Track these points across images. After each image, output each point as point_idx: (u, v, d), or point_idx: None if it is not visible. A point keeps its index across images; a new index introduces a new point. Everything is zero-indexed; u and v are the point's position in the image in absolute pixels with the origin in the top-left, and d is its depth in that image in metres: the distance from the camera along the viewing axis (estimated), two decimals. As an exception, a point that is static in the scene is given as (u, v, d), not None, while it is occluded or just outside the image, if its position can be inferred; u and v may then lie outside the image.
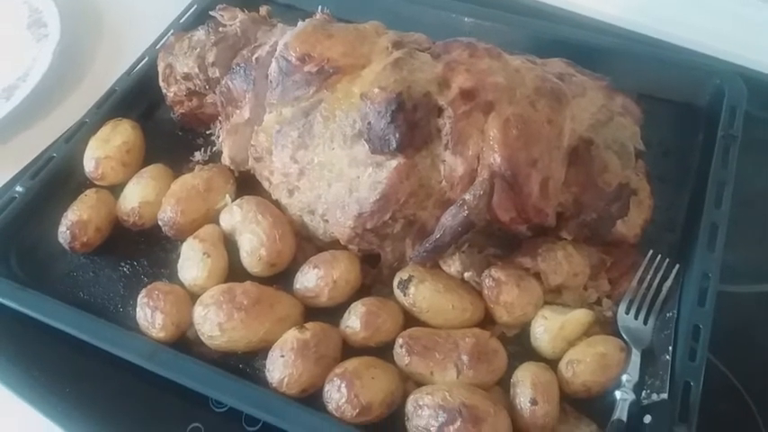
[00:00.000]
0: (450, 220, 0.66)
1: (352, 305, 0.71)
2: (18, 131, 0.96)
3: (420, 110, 0.66)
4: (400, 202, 0.67)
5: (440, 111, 0.67)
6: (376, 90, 0.67)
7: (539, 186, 0.66)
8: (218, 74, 0.81)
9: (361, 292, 0.73)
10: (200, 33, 0.85)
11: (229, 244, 0.76)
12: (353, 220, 0.69)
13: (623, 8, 1.03)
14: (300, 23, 0.78)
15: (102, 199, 0.79)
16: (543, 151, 0.66)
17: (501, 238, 0.71)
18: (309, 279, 0.71)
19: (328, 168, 0.72)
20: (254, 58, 0.79)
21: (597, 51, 0.88)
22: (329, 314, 0.72)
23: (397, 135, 0.65)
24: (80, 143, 0.84)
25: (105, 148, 0.81)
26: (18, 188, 0.80)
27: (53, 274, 0.78)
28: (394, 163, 0.67)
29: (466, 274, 0.70)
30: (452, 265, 0.70)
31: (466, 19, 0.94)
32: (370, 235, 0.70)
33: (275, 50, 0.77)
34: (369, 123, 0.67)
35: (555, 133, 0.67)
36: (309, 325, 0.68)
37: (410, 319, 0.71)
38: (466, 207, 0.65)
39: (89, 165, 0.81)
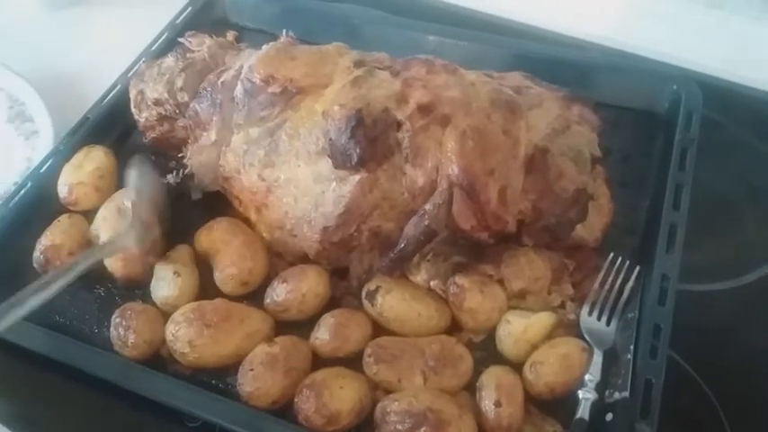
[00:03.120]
0: (412, 229, 0.68)
1: (321, 317, 0.72)
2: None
3: (379, 125, 0.68)
4: (364, 215, 0.69)
5: (399, 125, 0.69)
6: (336, 107, 0.69)
7: (497, 194, 0.68)
8: (186, 98, 0.83)
9: (331, 304, 0.74)
10: (169, 60, 0.87)
11: (203, 264, 0.78)
12: (320, 234, 0.71)
13: (581, 21, 1.07)
14: (265, 47, 0.80)
15: (75, 224, 0.80)
16: (500, 161, 0.68)
17: (465, 247, 0.73)
18: (279, 293, 0.73)
19: (294, 185, 0.74)
20: (219, 81, 0.81)
21: (556, 64, 0.90)
22: (300, 327, 0.73)
23: (358, 150, 0.67)
24: (53, 170, 0.85)
25: (78, 174, 0.83)
26: (-8, 218, 0.82)
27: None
28: (356, 177, 0.69)
29: (432, 283, 0.72)
30: (418, 275, 0.72)
31: (430, 37, 0.96)
32: (336, 248, 0.72)
33: (240, 74, 0.79)
34: (330, 140, 0.69)
35: (510, 143, 0.69)
36: (279, 339, 0.70)
37: (379, 329, 0.72)
38: (427, 216, 0.67)
39: (63, 191, 0.83)
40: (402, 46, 0.88)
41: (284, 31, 0.86)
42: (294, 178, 0.74)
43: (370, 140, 0.68)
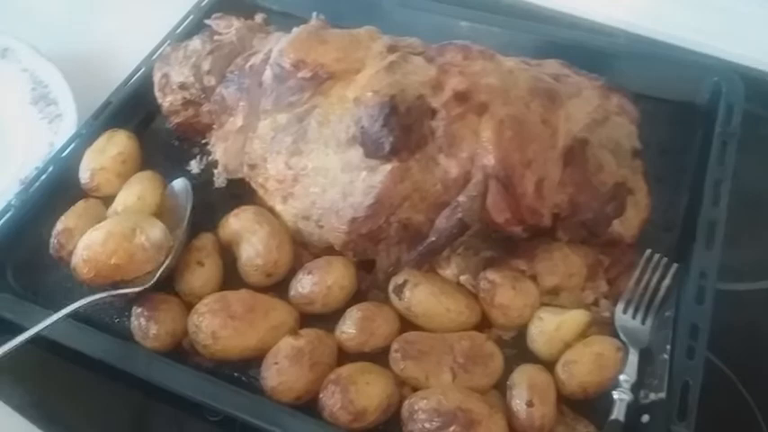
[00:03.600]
0: (444, 222, 0.66)
1: (347, 311, 0.70)
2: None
3: (413, 113, 0.66)
4: (394, 206, 0.67)
5: (433, 113, 0.67)
6: (369, 94, 0.67)
7: (533, 187, 0.66)
8: (213, 82, 0.81)
9: (356, 297, 0.72)
10: (195, 42, 0.85)
11: (227, 254, 0.76)
12: (348, 225, 0.69)
13: (620, 8, 1.03)
14: (295, 30, 0.78)
15: (91, 208, 0.78)
16: (537, 152, 0.66)
17: (496, 241, 0.71)
18: (304, 285, 0.71)
19: (322, 174, 0.72)
20: (247, 65, 0.79)
21: (593, 52, 0.87)
22: (325, 320, 0.71)
23: (391, 138, 0.65)
24: (76, 155, 0.84)
25: (100, 159, 0.81)
26: (13, 200, 0.80)
27: (49, 287, 0.78)
28: (388, 167, 0.67)
29: (461, 277, 0.70)
30: (448, 269, 0.70)
31: (462, 23, 0.93)
32: (364, 240, 0.70)
33: (269, 58, 0.77)
34: (362, 127, 0.67)
35: (549, 133, 0.66)
36: (304, 332, 0.68)
37: (406, 324, 0.70)
38: (460, 209, 0.64)
39: (84, 176, 0.81)
40: (432, 32, 0.85)
41: (314, 14, 0.83)
42: (322, 167, 0.72)
43: (403, 129, 0.65)
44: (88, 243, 0.70)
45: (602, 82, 0.76)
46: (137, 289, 0.70)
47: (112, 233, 0.70)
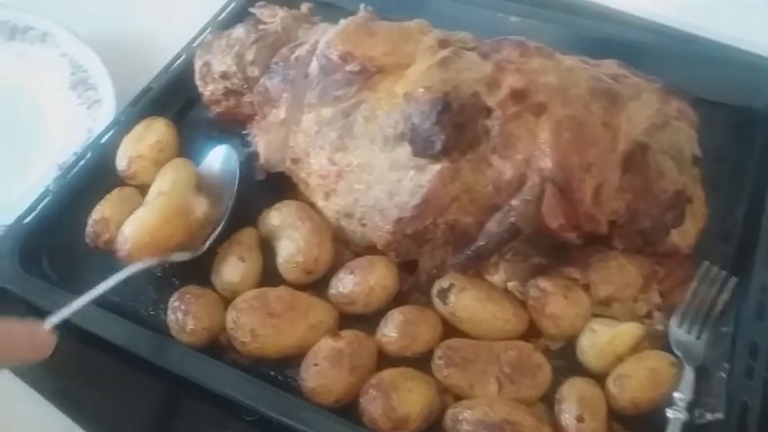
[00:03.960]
0: (495, 226, 0.63)
1: (388, 313, 0.68)
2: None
3: (467, 111, 0.63)
4: (442, 208, 0.65)
5: (488, 112, 0.64)
6: (421, 90, 0.64)
7: (592, 192, 0.63)
8: (256, 73, 0.79)
9: (397, 299, 0.70)
10: (239, 31, 0.83)
11: (267, 248, 0.74)
12: (393, 224, 0.67)
13: (675, 7, 0.99)
14: (342, 21, 0.76)
15: (126, 196, 0.77)
16: (597, 155, 0.63)
17: (547, 246, 0.68)
18: (345, 285, 0.69)
19: (368, 171, 0.70)
20: (293, 56, 0.77)
21: (648, 52, 0.84)
22: (364, 321, 0.69)
23: (443, 137, 0.62)
24: (114, 141, 0.82)
25: (138, 147, 0.80)
26: (51, 186, 0.79)
27: (84, 275, 0.76)
28: (437, 166, 0.64)
29: (509, 284, 0.67)
30: (495, 274, 0.67)
31: (512, 18, 0.91)
32: (409, 240, 0.68)
33: (316, 49, 0.75)
34: (412, 124, 0.64)
35: (609, 137, 0.63)
36: (344, 333, 0.66)
37: (449, 329, 0.68)
38: (513, 213, 0.62)
39: (121, 163, 0.80)
40: (482, 26, 0.82)
41: (362, 5, 0.81)
42: (368, 164, 0.69)
43: (456, 127, 0.63)
44: (141, 225, 0.70)
45: (660, 84, 0.73)
46: (187, 256, 0.71)
47: (167, 213, 0.71)
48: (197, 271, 0.75)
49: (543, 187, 0.61)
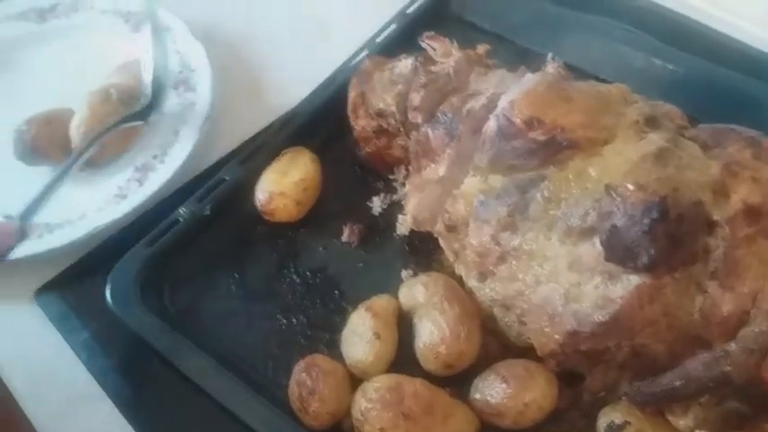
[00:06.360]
0: (699, 369, 0.51)
1: (541, 433, 0.58)
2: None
3: (687, 223, 0.51)
4: (633, 331, 0.53)
5: (712, 227, 0.52)
6: (631, 186, 0.53)
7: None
8: (419, 119, 0.70)
9: (550, 414, 0.60)
10: (404, 66, 0.74)
11: (403, 322, 0.65)
12: (565, 336, 0.56)
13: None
14: (530, 77, 0.65)
15: None
16: None
17: (749, 391, 0.55)
18: (494, 393, 0.59)
19: (539, 262, 0.59)
20: (465, 108, 0.67)
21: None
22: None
23: (653, 251, 0.51)
24: (254, 168, 0.75)
25: (282, 183, 0.72)
26: (182, 210, 0.73)
27: (204, 314, 0.70)
28: (635, 280, 0.53)
29: (697, 432, 0.55)
30: (682, 418, 0.55)
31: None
32: (579, 356, 0.57)
33: (493, 105, 0.65)
34: (613, 226, 0.53)
35: None
36: (488, 454, 0.56)
37: (613, 470, 0.56)
38: (728, 361, 0.49)
39: (262, 196, 0.73)
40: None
41: (549, 55, 0.70)
42: (541, 254, 0.59)
43: (670, 240, 0.51)
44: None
45: None
46: None
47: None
48: (325, 330, 0.68)
49: (775, 338, 0.49)
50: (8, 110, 0.85)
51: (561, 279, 0.57)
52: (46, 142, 0.81)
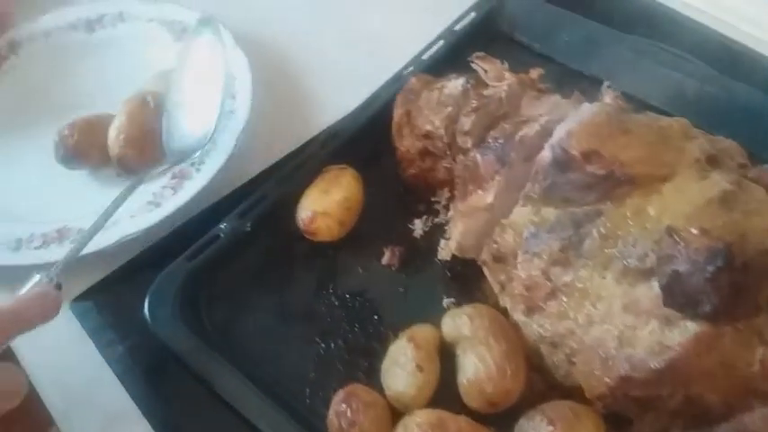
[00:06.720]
0: (758, 423, 0.49)
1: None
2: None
3: (752, 272, 0.49)
4: (688, 380, 0.51)
5: (779, 278, 0.50)
6: (694, 230, 0.51)
7: None
8: (468, 144, 0.68)
9: (595, 457, 0.58)
10: (453, 87, 0.72)
11: (444, 354, 0.64)
12: (617, 380, 0.54)
13: None
14: (587, 107, 0.63)
15: None
16: None
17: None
18: (540, 436, 0.57)
19: (592, 301, 0.57)
20: (518, 135, 0.65)
21: None
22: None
23: (715, 300, 0.49)
24: (296, 185, 0.74)
25: (325, 202, 0.71)
26: (223, 225, 0.72)
27: (240, 333, 0.69)
28: (693, 327, 0.51)
29: (750, 486, 0.53)
30: (736, 472, 0.53)
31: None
32: (630, 401, 0.55)
33: (548, 133, 0.63)
34: (674, 271, 0.51)
35: None
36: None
37: None
38: (792, 420, 0.47)
39: (304, 215, 0.71)
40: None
41: (605, 84, 0.68)
42: (594, 293, 0.57)
43: (734, 289, 0.49)
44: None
45: None
46: None
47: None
48: (364, 357, 0.66)
49: None
50: (50, 116, 0.85)
51: (616, 321, 0.55)
52: (86, 147, 0.81)
